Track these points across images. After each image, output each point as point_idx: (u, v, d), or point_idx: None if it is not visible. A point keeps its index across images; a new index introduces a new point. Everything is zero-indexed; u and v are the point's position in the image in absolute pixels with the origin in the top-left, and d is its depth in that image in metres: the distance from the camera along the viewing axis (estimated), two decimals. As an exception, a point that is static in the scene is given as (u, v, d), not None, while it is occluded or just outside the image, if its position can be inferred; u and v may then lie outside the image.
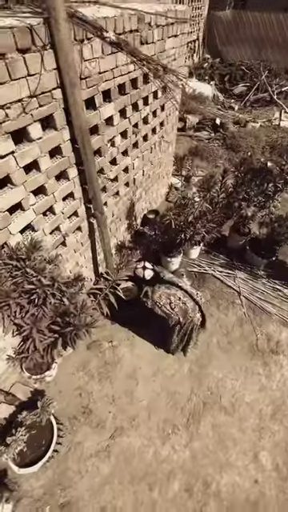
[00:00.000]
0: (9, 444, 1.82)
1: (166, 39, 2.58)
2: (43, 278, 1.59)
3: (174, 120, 3.70)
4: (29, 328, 1.71)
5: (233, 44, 10.14)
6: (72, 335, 1.60)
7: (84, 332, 1.58)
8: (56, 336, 1.85)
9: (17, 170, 1.57)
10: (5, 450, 1.79)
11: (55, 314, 1.81)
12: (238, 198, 2.90)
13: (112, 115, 2.24)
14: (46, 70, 1.50)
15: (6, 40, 1.23)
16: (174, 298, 2.26)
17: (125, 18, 1.92)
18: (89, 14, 1.66)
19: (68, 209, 2.17)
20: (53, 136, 1.72)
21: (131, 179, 3.04)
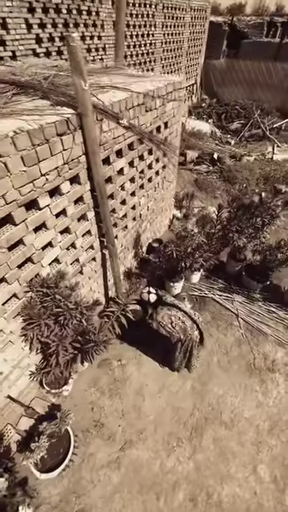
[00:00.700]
0: (33, 450, 2.07)
1: (166, 104, 3.16)
2: (69, 303, 1.95)
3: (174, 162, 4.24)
4: (55, 345, 2.03)
5: (227, 86, 11.24)
6: (92, 350, 1.93)
7: (102, 347, 1.91)
8: (76, 352, 2.17)
9: (50, 217, 2.01)
10: (29, 455, 2.04)
11: (75, 333, 2.15)
12: (232, 230, 3.30)
13: (123, 167, 2.74)
14: (76, 144, 1.99)
15: (51, 130, 1.72)
16: (174, 318, 2.58)
17: (134, 98, 2.47)
18: (107, 100, 2.20)
19: (86, 243, 2.59)
20: (78, 189, 2.19)
21: (138, 214, 3.50)
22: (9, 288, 1.90)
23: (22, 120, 1.66)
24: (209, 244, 3.11)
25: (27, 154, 1.62)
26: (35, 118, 1.73)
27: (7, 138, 1.48)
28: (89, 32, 5.19)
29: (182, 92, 3.52)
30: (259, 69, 10.10)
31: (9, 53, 4.03)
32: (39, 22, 4.27)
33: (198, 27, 9.54)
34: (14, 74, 2.78)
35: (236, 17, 14.51)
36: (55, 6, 4.40)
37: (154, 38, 7.24)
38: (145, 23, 6.65)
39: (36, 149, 1.67)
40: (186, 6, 8.22)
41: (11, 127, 1.54)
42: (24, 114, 1.76)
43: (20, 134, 1.53)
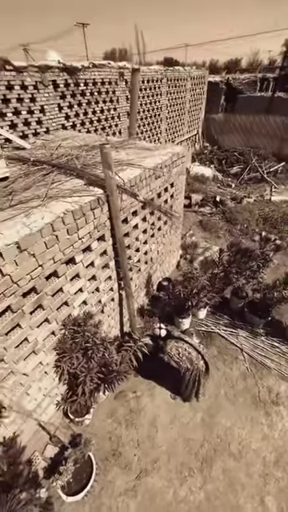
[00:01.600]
0: (61, 472, 2.36)
1: (172, 170, 3.88)
2: (96, 339, 2.40)
3: (180, 211, 4.89)
4: (83, 375, 2.44)
5: (226, 135, 12.52)
6: (114, 380, 2.32)
7: (122, 377, 2.31)
8: (99, 382, 2.56)
9: (82, 269, 2.55)
10: (58, 477, 2.33)
11: (99, 365, 2.56)
12: (232, 271, 3.77)
13: (137, 223, 3.35)
14: (103, 213, 2.61)
15: (87, 208, 2.34)
16: (181, 349, 2.93)
17: (146, 172, 3.15)
18: (126, 177, 2.87)
19: (107, 287, 3.10)
20: (103, 245, 2.77)
21: (149, 258, 4.04)
22: (49, 326, 2.38)
23: (67, 202, 2.29)
24: (212, 285, 3.57)
25: (71, 227, 2.22)
26: (75, 199, 2.36)
27: (58, 218, 2.08)
28: (107, 106, 6.31)
29: (184, 159, 4.27)
30: (254, 120, 11.34)
31: (44, 129, 5.01)
32: (68, 105, 5.34)
33: (198, 90, 11.05)
34: (52, 155, 3.59)
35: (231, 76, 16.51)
36: (81, 93, 5.51)
37: (160, 103, 8.52)
38: (152, 94, 7.94)
39: (76, 221, 2.27)
40: (187, 76, 9.70)
41: (61, 209, 2.16)
42: (67, 196, 2.40)
43: (67, 214, 2.14)
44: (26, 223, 1.94)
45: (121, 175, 2.87)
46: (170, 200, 4.13)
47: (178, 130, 10.34)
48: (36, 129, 4.85)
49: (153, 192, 3.49)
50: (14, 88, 4.31)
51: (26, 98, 4.54)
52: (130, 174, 2.97)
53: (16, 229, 1.87)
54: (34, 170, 3.10)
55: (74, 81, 5.30)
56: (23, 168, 3.19)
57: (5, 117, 4.35)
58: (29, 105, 4.61)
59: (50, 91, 4.88)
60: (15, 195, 2.49)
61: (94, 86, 5.81)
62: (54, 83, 4.93)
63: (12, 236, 1.80)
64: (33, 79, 4.54)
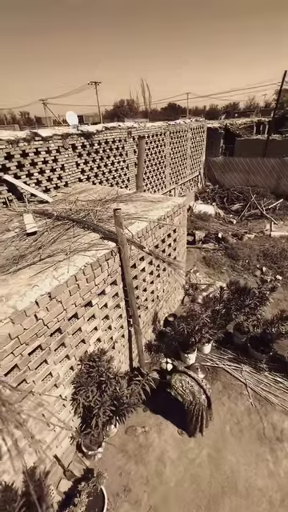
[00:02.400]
0: (76, 504, 2.54)
1: (174, 218, 4.45)
2: (109, 373, 2.73)
3: (182, 252, 5.39)
4: (97, 407, 2.73)
5: (227, 174, 13.51)
6: (125, 411, 2.60)
7: (132, 409, 2.59)
8: (111, 415, 2.83)
9: (97, 310, 2.98)
10: (73, 509, 2.50)
11: (111, 398, 2.85)
12: (231, 308, 4.10)
13: (144, 267, 3.82)
14: (115, 262, 3.10)
15: (102, 259, 2.84)
16: (184, 383, 3.17)
17: (151, 224, 3.71)
18: (134, 230, 3.41)
19: (118, 325, 3.48)
20: (115, 289, 3.22)
21: (156, 296, 4.44)
22: (69, 362, 2.74)
23: (86, 256, 2.80)
24: (213, 321, 3.89)
25: (89, 276, 2.70)
26: (93, 252, 2.88)
27: (80, 270, 2.58)
28: (117, 159, 7.23)
29: (185, 208, 4.88)
30: (251, 162, 12.32)
31: (63, 183, 5.82)
32: (84, 161, 6.22)
33: (198, 138, 12.29)
34: (71, 209, 4.23)
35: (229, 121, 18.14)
36: (95, 151, 6.44)
37: (164, 152, 9.56)
38: (157, 145, 8.99)
39: (94, 271, 2.76)
40: (187, 128, 10.93)
41: (82, 262, 2.66)
42: (86, 249, 2.93)
43: (87, 267, 2.64)
44: (55, 276, 2.44)
45: (130, 228, 3.42)
46: (173, 243, 4.65)
47: (181, 173, 11.34)
48: (57, 183, 5.65)
49: (157, 239, 4.02)
50: (41, 153, 5.18)
51: (50, 160, 5.39)
52: (138, 226, 3.52)
53: (48, 281, 2.36)
54: (58, 224, 3.70)
55: (90, 142, 6.24)
56: (48, 223, 3.81)
57: (32, 176, 5.15)
58: (52, 165, 5.46)
59: (69, 152, 5.77)
60: (44, 249, 3.04)
61: (106, 144, 6.77)
62: (72, 146, 5.84)
63: (45, 287, 2.28)
64: (56, 144, 5.44)
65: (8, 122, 49.10)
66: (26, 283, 2.35)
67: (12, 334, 2.00)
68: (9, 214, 4.40)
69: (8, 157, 4.66)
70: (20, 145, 4.78)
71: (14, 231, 3.64)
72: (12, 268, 2.64)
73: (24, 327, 2.09)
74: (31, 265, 2.70)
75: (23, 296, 2.17)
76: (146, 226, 3.59)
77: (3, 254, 2.98)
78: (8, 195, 4.74)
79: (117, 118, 45.30)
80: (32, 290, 2.23)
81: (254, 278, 6.63)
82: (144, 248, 3.30)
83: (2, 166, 4.58)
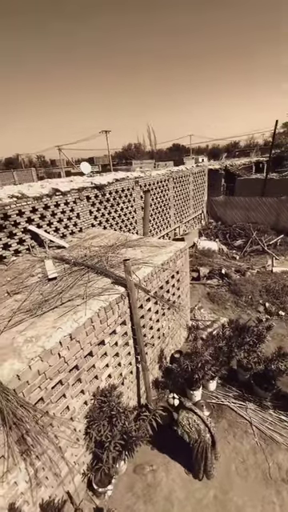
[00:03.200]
0: None
1: (176, 261, 4.97)
2: (119, 408, 3.04)
3: (186, 291, 5.81)
4: (108, 441, 3.00)
5: (228, 212, 14.33)
6: (133, 445, 2.85)
7: (140, 442, 2.84)
8: (121, 450, 3.07)
9: (109, 348, 3.37)
10: None
11: (120, 432, 3.11)
12: (232, 345, 4.38)
13: (150, 307, 4.25)
14: (124, 304, 3.56)
15: (114, 303, 3.31)
16: (191, 421, 3.36)
17: (156, 268, 4.22)
18: (141, 275, 3.92)
19: (127, 361, 3.82)
20: (124, 328, 3.63)
21: (161, 334, 4.79)
22: (83, 397, 3.07)
23: (100, 300, 3.28)
24: (216, 358, 4.16)
25: (103, 318, 3.15)
26: (106, 296, 3.37)
27: (95, 313, 3.04)
28: (125, 205, 8.07)
29: (187, 251, 5.43)
30: (251, 202, 13.17)
31: (78, 228, 6.55)
32: (96, 209, 7.04)
33: (200, 180, 13.39)
34: (86, 255, 4.83)
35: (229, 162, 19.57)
36: (106, 200, 7.29)
37: (168, 195, 10.50)
38: (161, 190, 9.94)
39: (107, 314, 3.22)
40: (189, 173, 12.04)
41: (97, 306, 3.14)
42: (100, 294, 3.42)
43: (101, 310, 3.11)
44: (75, 319, 2.90)
45: (137, 273, 3.93)
46: (176, 284, 5.11)
47: (184, 213, 12.20)
48: (72, 230, 6.39)
49: (162, 281, 4.50)
50: (60, 205, 5.99)
51: (67, 210, 6.19)
52: (144, 271, 4.04)
53: (69, 323, 2.83)
54: (75, 270, 4.26)
55: (102, 193, 7.12)
56: (66, 268, 4.38)
57: (51, 224, 5.90)
58: (69, 214, 6.25)
59: (84, 203, 6.60)
60: (64, 293, 3.56)
61: (116, 193, 7.66)
62: (87, 197, 6.69)
63: (67, 329, 2.74)
64: (73, 197, 6.28)
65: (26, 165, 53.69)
66: (51, 325, 2.82)
67: (40, 370, 2.42)
68: (31, 259, 5.03)
69: (33, 210, 5.45)
70: (43, 200, 5.60)
71: (37, 276, 4.21)
72: (38, 312, 3.13)
73: (49, 364, 2.51)
74: (54, 308, 3.19)
75: (49, 337, 2.62)
76: (151, 270, 4.10)
77: (30, 298, 3.50)
78: (31, 242, 5.43)
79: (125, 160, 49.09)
80: (56, 332, 2.69)
81: (258, 313, 6.88)
82: (149, 292, 3.77)
83: (27, 218, 5.35)
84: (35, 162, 64.75)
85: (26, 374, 2.30)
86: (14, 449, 2.26)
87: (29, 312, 3.17)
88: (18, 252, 5.25)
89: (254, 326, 4.36)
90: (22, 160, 55.61)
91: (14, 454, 2.28)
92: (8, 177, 31.93)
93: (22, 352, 2.45)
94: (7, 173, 33.03)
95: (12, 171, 33.65)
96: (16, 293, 3.73)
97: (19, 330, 2.81)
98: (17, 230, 5.16)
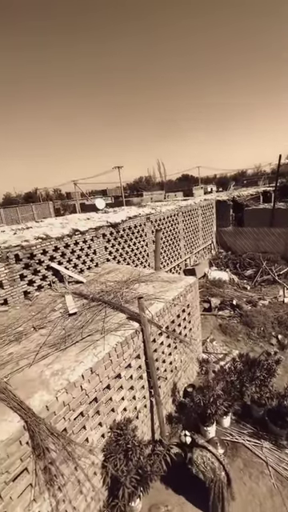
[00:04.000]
0: None
1: (187, 296, 5.27)
2: (134, 441, 3.20)
3: (197, 323, 6.01)
4: (124, 476, 3.13)
5: (237, 242, 14.67)
6: (148, 479, 2.97)
7: (154, 477, 2.96)
8: (136, 485, 3.18)
9: (125, 381, 3.61)
10: None
11: (135, 467, 3.24)
12: (244, 379, 4.47)
13: (162, 341, 4.50)
14: (138, 339, 3.85)
15: (129, 338, 3.62)
16: (205, 459, 3.41)
17: (167, 304, 4.55)
18: (153, 310, 4.24)
19: (141, 395, 4.00)
20: (138, 362, 3.88)
21: (174, 367, 4.95)
22: (101, 429, 3.27)
23: (116, 335, 3.61)
24: (227, 393, 4.25)
25: (119, 352, 3.45)
26: (122, 331, 3.69)
27: (113, 348, 3.36)
28: (138, 240, 8.63)
29: (196, 285, 5.75)
30: (259, 231, 13.53)
31: (94, 263, 7.07)
32: (111, 245, 7.60)
33: (208, 213, 14.02)
34: (102, 290, 5.25)
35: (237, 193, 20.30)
36: (120, 236, 7.89)
37: (177, 229, 11.06)
38: (171, 224, 10.53)
39: (123, 348, 3.52)
40: (197, 207, 12.71)
41: (114, 341, 3.46)
42: (116, 329, 3.75)
43: (118, 345, 3.42)
44: (95, 353, 3.23)
45: (150, 309, 4.27)
46: (187, 317, 5.36)
47: (194, 244, 12.65)
48: (89, 265, 6.90)
49: (173, 315, 4.79)
50: (79, 243, 6.59)
51: (85, 247, 6.77)
52: (156, 307, 4.37)
53: (90, 358, 3.15)
54: (93, 305, 4.65)
55: (116, 230, 7.73)
56: (85, 303, 4.78)
57: (71, 261, 6.45)
58: (86, 251, 6.81)
59: (100, 240, 7.19)
60: (84, 328, 3.92)
61: (129, 229, 8.27)
62: (103, 234, 7.30)
63: (88, 363, 3.06)
64: (90, 235, 6.89)
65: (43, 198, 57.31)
66: (74, 359, 3.15)
67: (65, 402, 2.71)
68: (53, 294, 5.50)
69: (55, 249, 6.04)
70: (64, 239, 6.22)
71: (59, 311, 4.62)
72: (62, 346, 3.49)
73: (73, 396, 2.80)
74: (75, 343, 3.54)
75: (73, 371, 2.95)
76: (163, 306, 4.43)
77: (54, 333, 3.88)
78: (52, 278, 5.94)
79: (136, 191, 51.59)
80: (79, 366, 3.02)
81: (270, 346, 6.88)
82: (162, 328, 4.07)
83: (50, 257, 5.92)
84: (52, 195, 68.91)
85: (53, 405, 2.60)
86: (40, 477, 2.49)
87: (53, 346, 3.52)
88: (41, 287, 5.74)
89: (263, 359, 4.47)
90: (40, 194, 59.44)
91: (40, 483, 2.50)
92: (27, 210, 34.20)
93: (49, 384, 2.78)
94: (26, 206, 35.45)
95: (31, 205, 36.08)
96: (41, 327, 4.13)
97: (46, 363, 3.15)
98: (40, 268, 5.71)
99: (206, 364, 4.42)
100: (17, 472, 2.32)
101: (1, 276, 5.03)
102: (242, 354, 4.79)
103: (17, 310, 4.92)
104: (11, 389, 2.71)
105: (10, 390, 2.65)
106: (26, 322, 4.37)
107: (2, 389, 2.61)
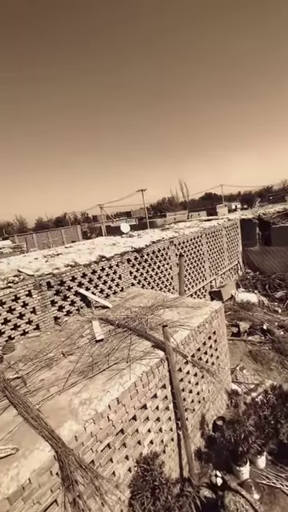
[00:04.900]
0: None
1: (212, 322, 5.18)
2: (161, 478, 3.11)
3: (224, 351, 5.80)
4: (153, 516, 3.00)
5: (265, 261, 14.14)
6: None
7: (184, 521, 2.82)
8: (164, 528, 3.04)
9: (151, 412, 3.58)
10: None
11: (163, 507, 3.11)
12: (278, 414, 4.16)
13: (189, 370, 4.42)
14: (164, 368, 3.84)
15: (154, 367, 3.63)
16: (238, 505, 3.17)
17: (192, 331, 4.51)
18: (178, 338, 4.23)
19: (167, 427, 3.91)
20: (164, 392, 3.84)
21: (201, 398, 4.78)
22: (127, 463, 3.23)
23: (142, 364, 3.64)
24: (261, 429, 3.98)
25: (145, 382, 3.46)
26: (147, 360, 3.72)
27: (138, 377, 3.39)
28: (162, 263, 8.75)
29: (222, 311, 5.64)
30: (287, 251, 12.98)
31: (120, 288, 7.27)
32: (136, 270, 7.80)
33: (233, 233, 13.85)
34: (128, 316, 5.36)
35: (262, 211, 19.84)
36: (144, 260, 8.08)
37: (202, 250, 11.04)
38: (195, 246, 10.56)
39: (148, 378, 3.53)
40: (221, 228, 12.65)
41: (139, 370, 3.50)
42: (142, 358, 3.79)
43: (143, 374, 3.45)
44: (121, 383, 3.29)
45: (175, 336, 4.26)
46: (213, 344, 5.23)
47: (219, 265, 12.44)
48: (115, 290, 7.11)
49: (199, 343, 4.72)
50: (105, 269, 6.87)
51: (111, 273, 7.02)
52: (181, 335, 4.35)
53: (116, 387, 3.21)
54: (119, 332, 4.76)
55: (140, 255, 7.95)
56: (111, 330, 4.91)
57: (97, 286, 6.71)
58: (112, 276, 7.06)
59: (125, 265, 7.43)
60: (110, 356, 4.01)
61: (153, 254, 8.45)
62: (128, 260, 7.55)
63: (115, 393, 3.12)
64: (116, 261, 7.16)
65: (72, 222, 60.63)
66: (101, 388, 3.23)
67: (93, 433, 2.77)
68: (80, 319, 5.72)
69: (83, 275, 6.36)
70: (91, 266, 6.54)
71: (86, 338, 4.79)
72: (89, 374, 3.60)
73: (100, 427, 2.86)
74: (102, 371, 3.63)
75: (100, 400, 3.02)
76: (188, 333, 4.41)
77: (82, 360, 4.02)
78: (80, 303, 6.21)
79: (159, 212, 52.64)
80: (106, 395, 3.09)
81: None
82: (187, 357, 4.03)
83: (78, 283, 6.24)
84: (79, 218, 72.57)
85: (81, 436, 2.67)
86: (68, 510, 2.51)
87: (81, 374, 3.65)
88: (70, 312, 6.01)
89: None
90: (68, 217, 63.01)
91: (68, 517, 2.51)
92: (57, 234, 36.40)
93: (78, 414, 2.87)
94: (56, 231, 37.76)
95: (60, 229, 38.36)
96: (70, 354, 4.30)
97: (75, 391, 3.27)
98: (69, 294, 6.02)
99: (236, 396, 4.23)
100: (47, 503, 2.37)
101: (34, 302, 5.39)
102: (274, 386, 4.51)
103: (48, 336, 5.18)
104: (43, 417, 2.84)
105: (42, 418, 2.78)
106: (56, 348, 4.58)
107: (35, 417, 2.75)
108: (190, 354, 4.48)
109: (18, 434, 2.70)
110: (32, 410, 2.90)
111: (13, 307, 5.12)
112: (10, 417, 2.98)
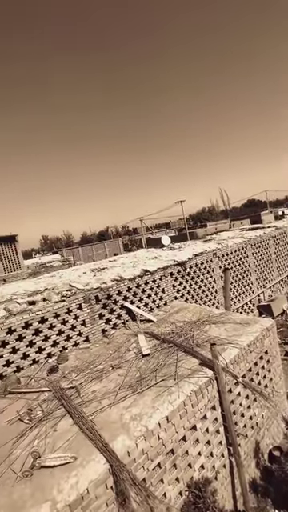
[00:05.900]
0: None
1: (264, 341, 4.85)
2: (215, 509, 2.95)
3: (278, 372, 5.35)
4: None
5: None
6: None
7: None
8: None
9: (201, 433, 3.46)
10: None
11: None
12: None
13: (240, 391, 4.19)
14: (213, 388, 3.71)
15: (202, 386, 3.54)
16: None
17: (242, 350, 4.29)
18: (227, 357, 4.06)
19: (219, 452, 3.72)
20: (214, 413, 3.69)
21: (254, 423, 4.44)
22: (178, 486, 3.16)
23: (190, 382, 3.58)
24: None
25: (194, 402, 3.39)
26: (195, 379, 3.65)
27: (187, 396, 3.33)
28: (205, 276, 8.56)
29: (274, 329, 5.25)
30: None
31: (163, 302, 7.30)
32: (179, 283, 7.77)
33: (282, 242, 12.90)
34: (173, 331, 5.34)
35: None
36: (187, 274, 8.02)
37: (247, 262, 10.50)
38: (240, 258, 10.11)
39: (197, 397, 3.45)
40: (268, 237, 11.90)
41: (188, 389, 3.45)
42: (190, 376, 3.73)
43: (192, 394, 3.38)
44: (170, 401, 3.28)
45: (223, 355, 4.11)
46: (266, 365, 4.87)
47: (268, 277, 11.64)
48: (158, 303, 7.17)
49: (250, 363, 4.45)
50: (149, 283, 7.00)
51: (155, 287, 7.13)
52: (230, 353, 4.17)
53: (165, 405, 3.21)
54: (164, 347, 4.77)
55: (183, 268, 7.92)
56: (156, 345, 4.94)
57: (141, 300, 6.86)
58: (155, 290, 7.15)
59: (168, 278, 7.47)
60: (157, 371, 4.03)
61: (196, 267, 8.34)
62: (170, 273, 7.58)
63: (164, 411, 3.12)
64: (159, 275, 7.25)
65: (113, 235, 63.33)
66: (150, 405, 3.27)
67: (144, 450, 2.80)
68: (126, 333, 5.88)
69: (128, 289, 6.58)
70: (136, 280, 6.74)
71: (133, 351, 4.90)
72: (138, 388, 3.67)
73: (151, 444, 2.87)
74: (150, 387, 3.67)
75: (150, 417, 3.05)
76: (237, 352, 4.21)
77: (130, 374, 4.12)
78: (126, 317, 6.40)
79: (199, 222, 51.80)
80: (155, 413, 3.11)
81: None
82: (238, 378, 3.84)
83: (124, 297, 6.47)
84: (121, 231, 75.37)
85: (133, 452, 2.73)
86: (122, 527, 2.55)
87: (130, 388, 3.74)
88: (116, 325, 6.24)
89: None
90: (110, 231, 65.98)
91: (122, 533, 2.55)
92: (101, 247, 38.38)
93: (129, 429, 2.94)
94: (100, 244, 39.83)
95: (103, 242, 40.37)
96: (118, 367, 4.45)
97: (125, 405, 3.36)
98: (116, 307, 6.27)
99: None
100: (103, 517, 2.45)
101: (84, 315, 5.75)
102: None
103: (96, 348, 5.45)
104: (97, 428, 2.98)
105: (96, 430, 2.92)
106: (104, 360, 4.78)
107: (89, 427, 2.90)
108: (241, 375, 4.25)
109: (75, 443, 2.87)
110: (87, 421, 3.06)
111: (66, 319, 5.53)
112: (67, 425, 3.18)
